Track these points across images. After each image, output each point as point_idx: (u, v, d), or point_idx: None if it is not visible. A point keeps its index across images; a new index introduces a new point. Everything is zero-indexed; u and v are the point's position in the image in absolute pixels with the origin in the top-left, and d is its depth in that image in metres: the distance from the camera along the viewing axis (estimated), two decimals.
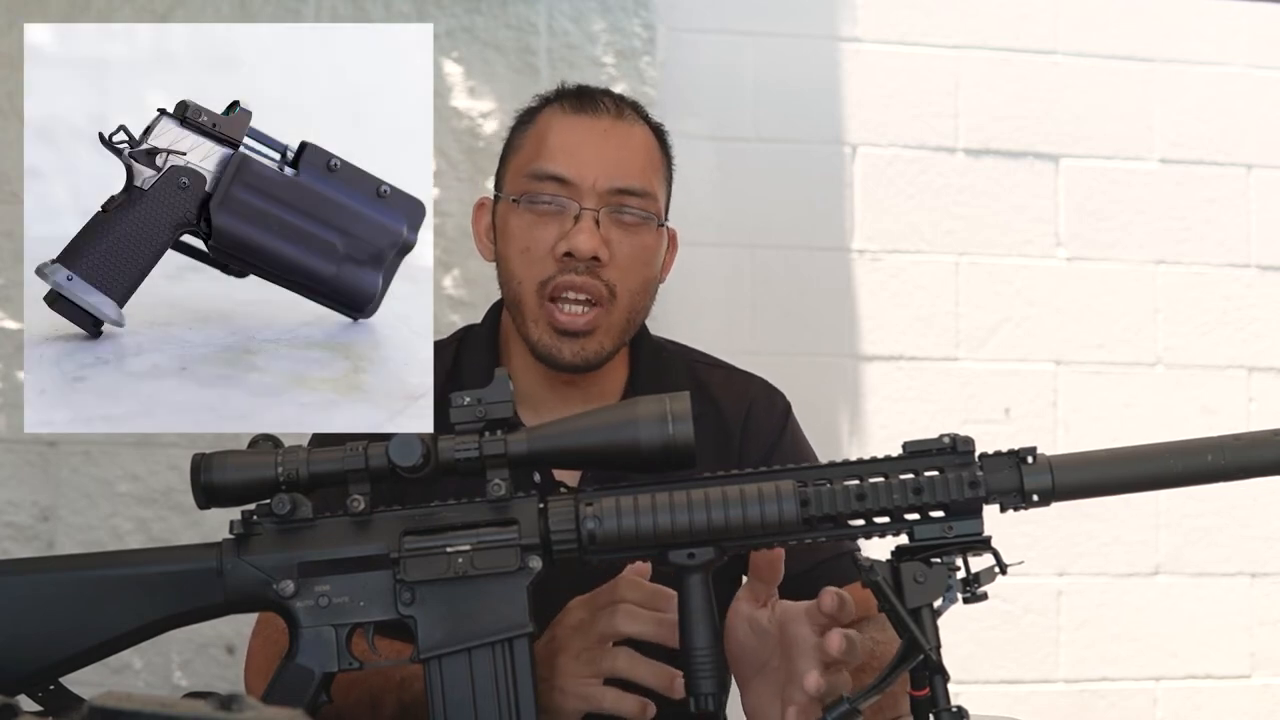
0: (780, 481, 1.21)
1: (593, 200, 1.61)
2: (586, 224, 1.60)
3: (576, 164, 1.62)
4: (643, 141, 1.67)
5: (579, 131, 1.64)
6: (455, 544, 1.21)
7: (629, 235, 1.62)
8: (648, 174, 1.65)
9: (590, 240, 1.59)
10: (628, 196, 1.62)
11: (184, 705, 0.84)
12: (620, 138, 1.65)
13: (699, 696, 1.20)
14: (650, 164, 1.66)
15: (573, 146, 1.63)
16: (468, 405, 1.22)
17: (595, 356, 1.62)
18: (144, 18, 2.74)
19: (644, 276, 1.65)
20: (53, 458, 2.64)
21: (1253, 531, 3.03)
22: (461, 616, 1.20)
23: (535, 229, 1.62)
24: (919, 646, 1.18)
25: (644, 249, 1.64)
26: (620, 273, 1.61)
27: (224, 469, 1.22)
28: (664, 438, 1.20)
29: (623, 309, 1.63)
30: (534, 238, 1.62)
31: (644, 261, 1.64)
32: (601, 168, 1.62)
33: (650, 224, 1.64)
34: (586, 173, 1.61)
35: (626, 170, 1.63)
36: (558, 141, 1.64)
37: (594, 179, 1.61)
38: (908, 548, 1.21)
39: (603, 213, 1.61)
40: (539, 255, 1.61)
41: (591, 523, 1.20)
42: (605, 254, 1.60)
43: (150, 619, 1.24)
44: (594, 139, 1.64)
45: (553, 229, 1.61)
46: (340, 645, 1.22)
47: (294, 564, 1.22)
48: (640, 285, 1.64)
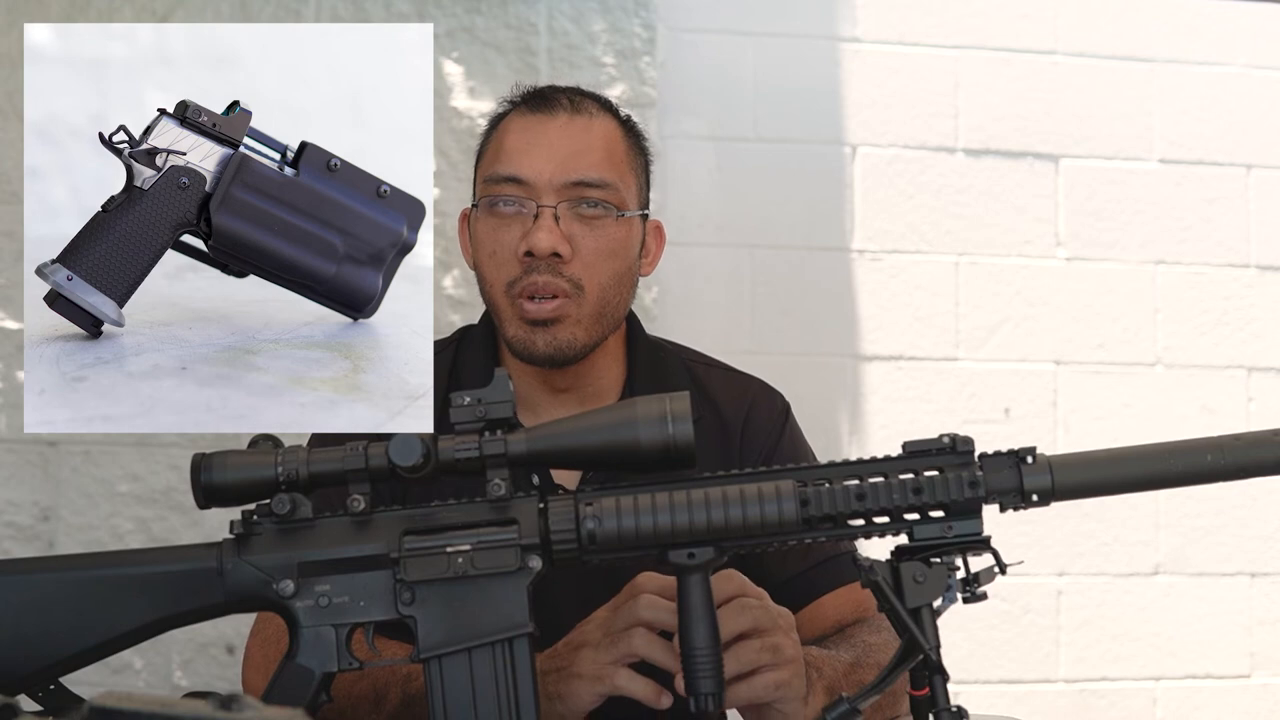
0: (780, 481, 1.21)
1: (550, 197, 1.60)
2: (544, 222, 1.59)
3: (531, 163, 1.61)
4: (603, 133, 1.65)
5: (534, 131, 1.64)
6: (455, 544, 1.21)
7: (591, 229, 1.61)
8: (607, 165, 1.63)
9: (549, 238, 1.58)
10: (586, 189, 1.61)
11: (184, 705, 0.84)
12: (576, 131, 1.64)
13: (699, 696, 1.20)
14: (610, 155, 1.65)
15: (527, 146, 1.63)
16: (468, 405, 1.22)
17: (569, 346, 1.61)
18: (144, 18, 2.74)
19: (613, 269, 1.63)
20: (53, 458, 2.64)
21: (1253, 531, 3.03)
22: (461, 616, 1.20)
23: (499, 231, 1.62)
24: (919, 646, 1.18)
25: (610, 240, 1.62)
26: (585, 267, 1.60)
27: (224, 469, 1.22)
28: (664, 438, 1.20)
29: (592, 301, 1.61)
30: (498, 240, 1.62)
31: (610, 253, 1.63)
32: (556, 163, 1.61)
33: (611, 215, 1.63)
34: (541, 170, 1.61)
35: (582, 163, 1.62)
36: (513, 143, 1.64)
37: (549, 175, 1.61)
38: (907, 548, 1.21)
39: (561, 208, 1.60)
40: (504, 258, 1.61)
41: (591, 523, 1.20)
42: (566, 249, 1.59)
43: (150, 619, 1.24)
44: (549, 136, 1.63)
45: (515, 230, 1.61)
46: (340, 645, 1.22)
47: (294, 564, 1.22)
48: (611, 278, 1.63)
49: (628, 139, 1.69)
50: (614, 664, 1.33)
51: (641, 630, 1.33)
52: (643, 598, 1.33)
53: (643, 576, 1.35)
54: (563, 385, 1.67)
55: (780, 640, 1.33)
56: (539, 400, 1.67)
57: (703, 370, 1.77)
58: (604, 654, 1.34)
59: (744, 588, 1.35)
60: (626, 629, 1.33)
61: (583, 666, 1.34)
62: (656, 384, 1.64)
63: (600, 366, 1.68)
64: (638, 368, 1.72)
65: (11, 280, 2.64)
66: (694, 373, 1.75)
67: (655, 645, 1.32)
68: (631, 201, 1.66)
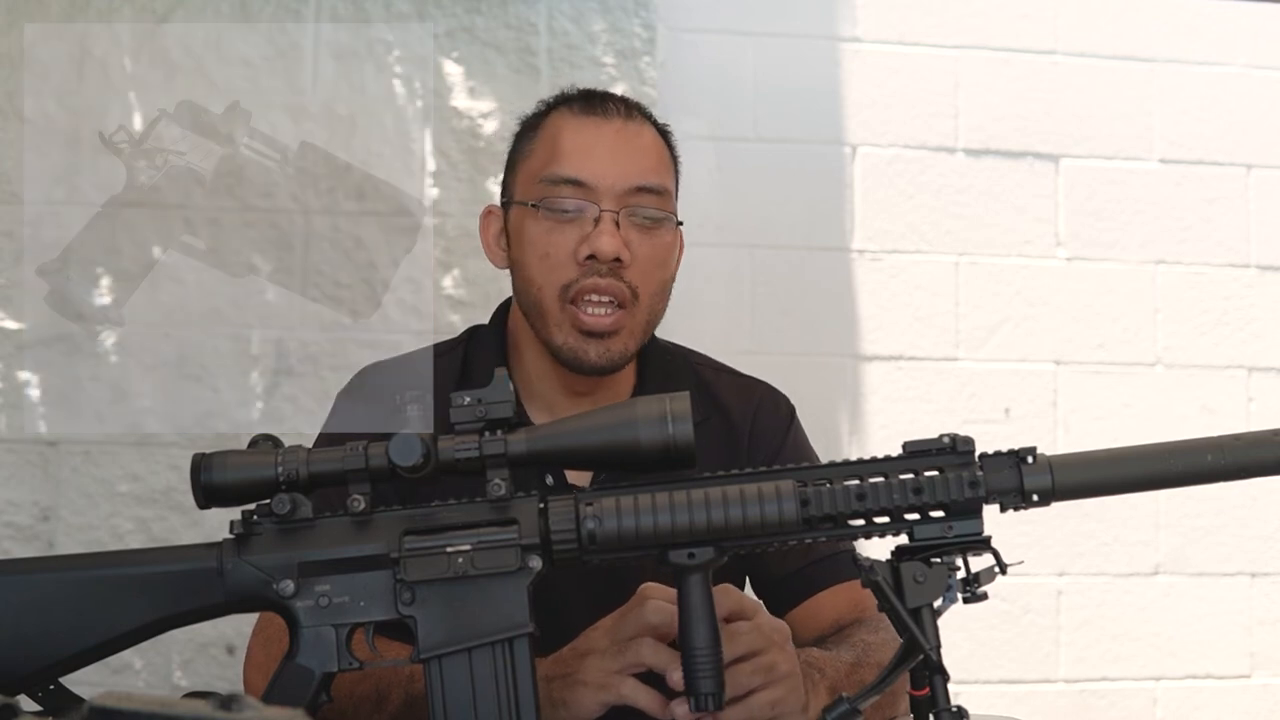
0: (780, 481, 1.21)
1: (611, 202, 1.60)
2: (607, 226, 1.59)
3: (592, 166, 1.61)
4: (653, 141, 1.67)
5: (591, 134, 1.64)
6: (455, 544, 1.21)
7: (647, 236, 1.62)
8: (661, 173, 1.65)
9: (613, 241, 1.58)
10: (645, 195, 1.62)
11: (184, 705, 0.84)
12: (632, 138, 1.64)
13: (699, 696, 1.20)
14: (662, 163, 1.66)
15: (587, 149, 1.62)
16: (468, 405, 1.22)
17: (620, 357, 1.62)
18: (144, 18, 2.73)
19: (661, 278, 1.65)
20: (53, 458, 2.64)
21: (1253, 531, 3.03)
22: (462, 616, 1.20)
23: (554, 234, 1.61)
24: (919, 646, 1.18)
25: (662, 249, 1.64)
26: (641, 274, 1.61)
27: (224, 469, 1.22)
28: (664, 437, 1.20)
29: (644, 310, 1.63)
30: (553, 242, 1.61)
31: (661, 262, 1.64)
32: (618, 169, 1.61)
33: (668, 223, 1.64)
34: (604, 174, 1.61)
35: (642, 169, 1.63)
36: (571, 145, 1.63)
37: (611, 180, 1.61)
38: (908, 548, 1.21)
39: (621, 214, 1.60)
40: (560, 260, 1.60)
41: (591, 522, 1.20)
42: (627, 255, 1.59)
43: (150, 619, 1.24)
44: (607, 140, 1.63)
45: (573, 233, 1.60)
46: (340, 645, 1.22)
47: (294, 564, 1.22)
48: (658, 287, 1.65)
49: (669, 147, 1.70)
50: (620, 673, 1.33)
51: (649, 639, 1.33)
52: (650, 603, 1.33)
53: (648, 586, 1.35)
54: (584, 389, 1.66)
55: (774, 658, 1.34)
56: (557, 401, 1.67)
57: (710, 374, 1.78)
58: (610, 662, 1.33)
59: (740, 604, 1.35)
60: (633, 637, 1.33)
61: (588, 674, 1.34)
62: (666, 387, 1.64)
63: (621, 372, 1.68)
64: (648, 371, 1.72)
65: (11, 280, 2.64)
66: (701, 376, 1.76)
67: (662, 654, 1.32)
68: (675, 210, 1.68)
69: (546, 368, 1.65)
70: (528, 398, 1.67)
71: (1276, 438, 1.22)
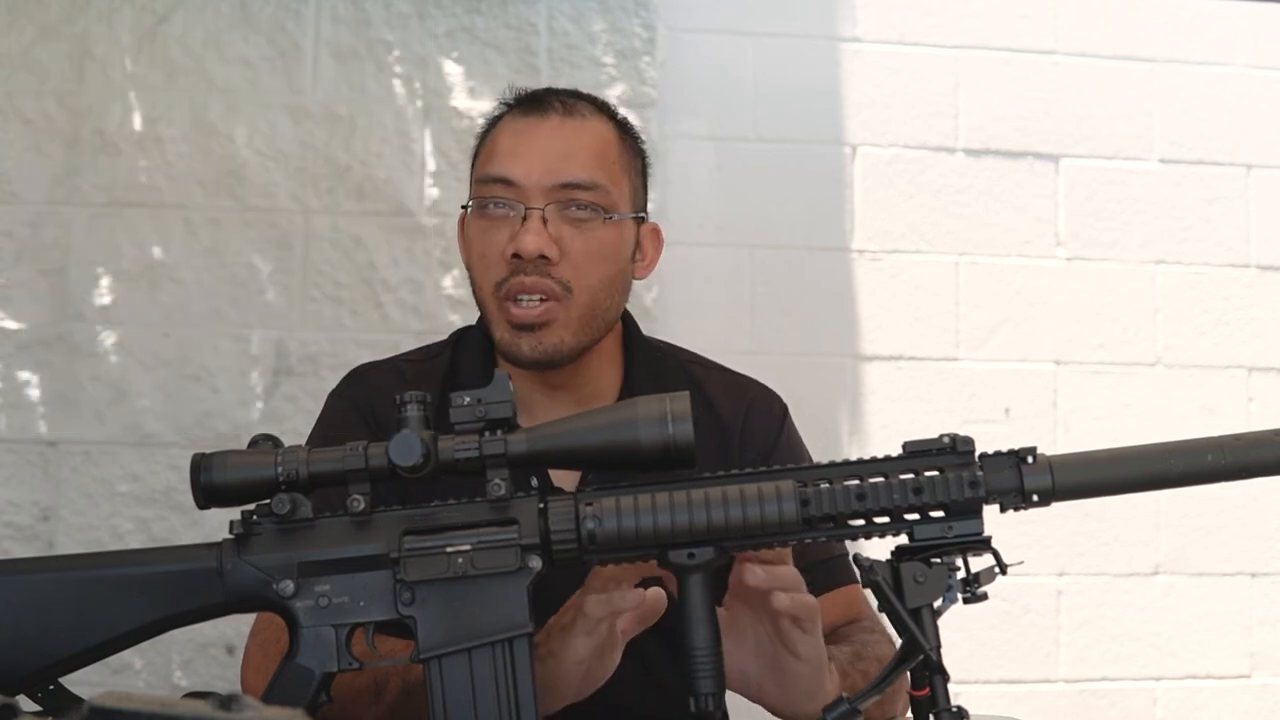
0: (780, 481, 1.21)
1: (539, 199, 1.60)
2: (532, 224, 1.59)
3: (520, 164, 1.61)
4: (595, 136, 1.65)
5: (525, 133, 1.64)
6: (455, 544, 1.21)
7: (581, 231, 1.61)
8: (597, 167, 1.63)
9: (536, 240, 1.58)
10: (575, 191, 1.61)
11: (184, 705, 0.84)
12: (568, 133, 1.63)
13: (699, 696, 1.20)
14: (601, 157, 1.64)
15: (517, 148, 1.63)
16: (468, 405, 1.22)
17: (555, 351, 1.60)
18: (144, 18, 2.73)
19: (602, 272, 1.62)
20: (53, 458, 2.64)
21: (1253, 531, 3.03)
22: (461, 616, 1.20)
23: (488, 233, 1.62)
24: (919, 646, 1.18)
25: (599, 243, 1.62)
26: (574, 269, 1.60)
27: (224, 469, 1.22)
28: (664, 437, 1.20)
29: (581, 304, 1.61)
30: (487, 241, 1.62)
31: (600, 256, 1.62)
32: (545, 165, 1.61)
33: (599, 218, 1.62)
34: (530, 172, 1.60)
35: (571, 165, 1.61)
36: (504, 145, 1.64)
37: (538, 177, 1.60)
38: (908, 548, 1.21)
39: (550, 210, 1.60)
40: (493, 259, 1.61)
41: (591, 522, 1.20)
42: (554, 252, 1.59)
43: (150, 619, 1.24)
44: (539, 138, 1.63)
45: (503, 231, 1.60)
46: (340, 645, 1.22)
47: (294, 564, 1.22)
48: (600, 281, 1.62)
49: (622, 141, 1.68)
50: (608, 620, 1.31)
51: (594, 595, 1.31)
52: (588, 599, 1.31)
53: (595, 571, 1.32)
54: (557, 383, 1.66)
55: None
56: (535, 399, 1.66)
57: (700, 371, 1.77)
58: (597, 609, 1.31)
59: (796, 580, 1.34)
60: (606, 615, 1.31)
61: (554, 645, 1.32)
62: (655, 385, 1.63)
63: (595, 367, 1.68)
64: (635, 368, 1.71)
65: (11, 280, 2.64)
66: (691, 374, 1.75)
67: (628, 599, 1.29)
68: (623, 204, 1.66)
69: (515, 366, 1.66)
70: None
71: (1277, 438, 1.22)
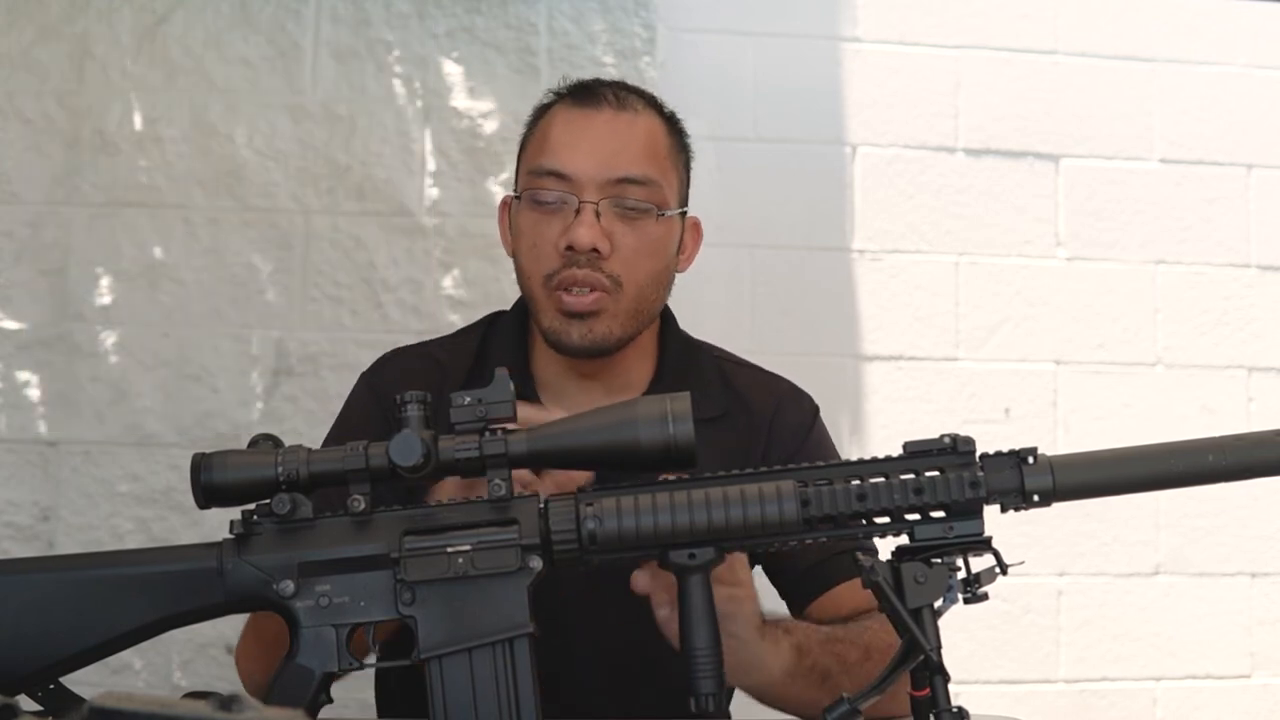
0: (781, 481, 1.21)
1: (592, 193, 1.61)
2: (586, 217, 1.60)
3: (575, 157, 1.62)
4: (646, 130, 1.66)
5: (579, 125, 1.64)
6: (456, 544, 1.21)
7: (632, 227, 1.62)
8: (649, 162, 1.64)
9: (589, 233, 1.59)
10: (628, 186, 1.61)
11: (184, 705, 0.84)
12: (621, 128, 1.64)
13: (699, 696, 1.20)
14: (653, 152, 1.65)
15: (571, 140, 1.63)
16: (468, 405, 1.22)
17: (604, 339, 1.61)
18: (144, 18, 2.73)
19: (651, 268, 1.64)
20: (53, 458, 2.64)
21: (1253, 531, 3.02)
22: (462, 616, 1.20)
23: (540, 225, 1.62)
24: (919, 647, 1.18)
25: (649, 239, 1.63)
26: (624, 264, 1.61)
27: (224, 469, 1.22)
28: (664, 438, 1.20)
29: (630, 298, 1.62)
30: (539, 233, 1.62)
31: (649, 253, 1.63)
32: (599, 159, 1.61)
33: (652, 214, 1.63)
34: (585, 165, 1.61)
35: (625, 160, 1.62)
36: (558, 137, 1.64)
37: (593, 171, 1.61)
38: (908, 548, 1.21)
39: (603, 204, 1.60)
40: (544, 250, 1.61)
41: (592, 523, 1.20)
42: (606, 246, 1.59)
43: (150, 619, 1.24)
44: (593, 131, 1.63)
45: (556, 224, 1.61)
46: (340, 645, 1.22)
47: (294, 564, 1.22)
48: (648, 276, 1.64)
49: (671, 135, 1.70)
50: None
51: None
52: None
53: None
54: (589, 372, 1.66)
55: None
56: (566, 386, 1.67)
57: (732, 368, 1.78)
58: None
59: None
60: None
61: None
62: (684, 380, 1.63)
63: (630, 359, 1.68)
64: (667, 362, 1.72)
65: (11, 280, 2.64)
66: (723, 370, 1.76)
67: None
68: (672, 199, 1.67)
69: (552, 353, 1.66)
70: (541, 384, 1.68)
71: (1277, 438, 1.22)
